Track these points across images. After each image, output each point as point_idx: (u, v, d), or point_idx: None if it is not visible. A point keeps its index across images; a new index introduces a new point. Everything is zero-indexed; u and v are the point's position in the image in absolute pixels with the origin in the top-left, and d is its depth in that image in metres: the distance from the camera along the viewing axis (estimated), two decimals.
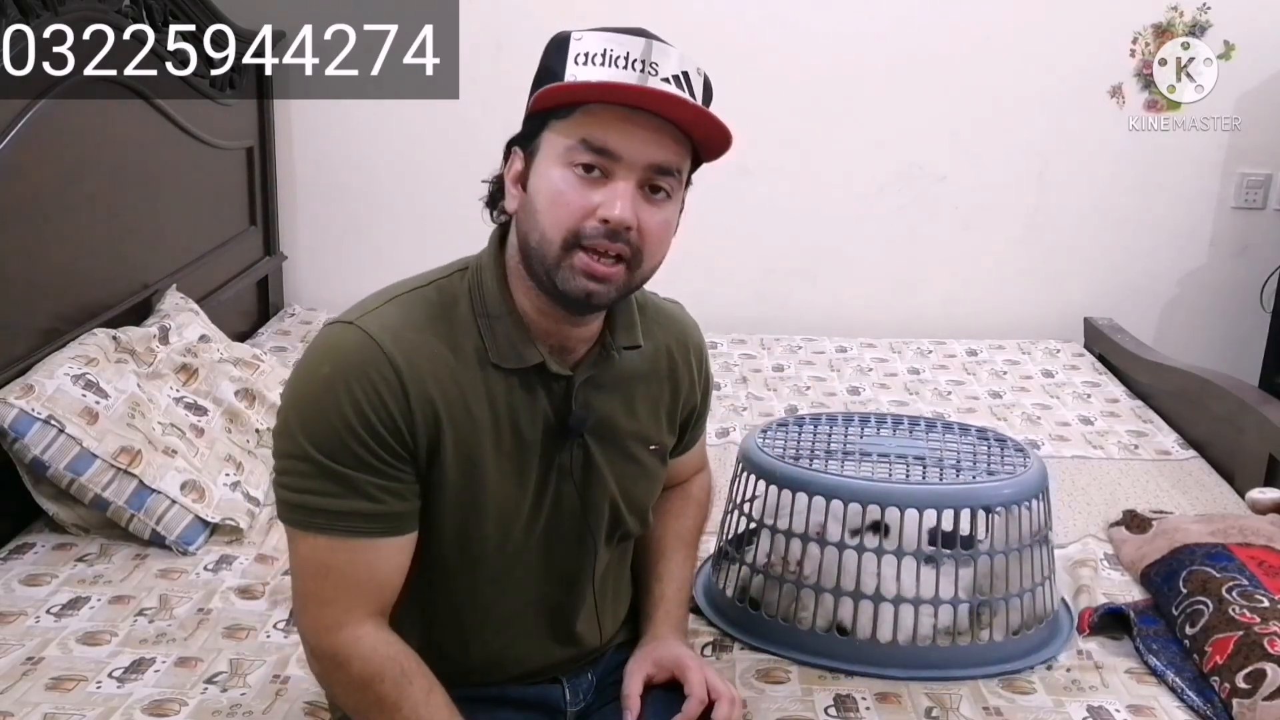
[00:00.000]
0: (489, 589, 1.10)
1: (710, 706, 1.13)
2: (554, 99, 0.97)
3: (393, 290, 1.05)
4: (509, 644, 1.14)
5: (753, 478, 1.54)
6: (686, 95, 0.97)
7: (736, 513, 1.58)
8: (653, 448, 1.17)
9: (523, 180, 1.01)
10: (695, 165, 1.03)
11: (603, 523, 1.13)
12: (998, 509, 1.46)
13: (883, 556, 1.43)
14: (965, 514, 1.44)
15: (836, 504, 1.44)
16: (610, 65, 0.96)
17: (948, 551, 1.45)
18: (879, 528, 1.45)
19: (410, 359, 0.99)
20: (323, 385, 0.98)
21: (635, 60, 0.96)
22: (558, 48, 0.99)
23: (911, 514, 1.46)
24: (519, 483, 1.06)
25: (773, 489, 1.51)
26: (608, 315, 1.10)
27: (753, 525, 1.54)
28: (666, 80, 0.96)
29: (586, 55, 0.96)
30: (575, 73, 0.96)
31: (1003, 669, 1.45)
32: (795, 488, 1.47)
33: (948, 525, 1.44)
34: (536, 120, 1.00)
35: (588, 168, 0.96)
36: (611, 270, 0.98)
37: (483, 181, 1.10)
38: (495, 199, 1.08)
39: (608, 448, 1.12)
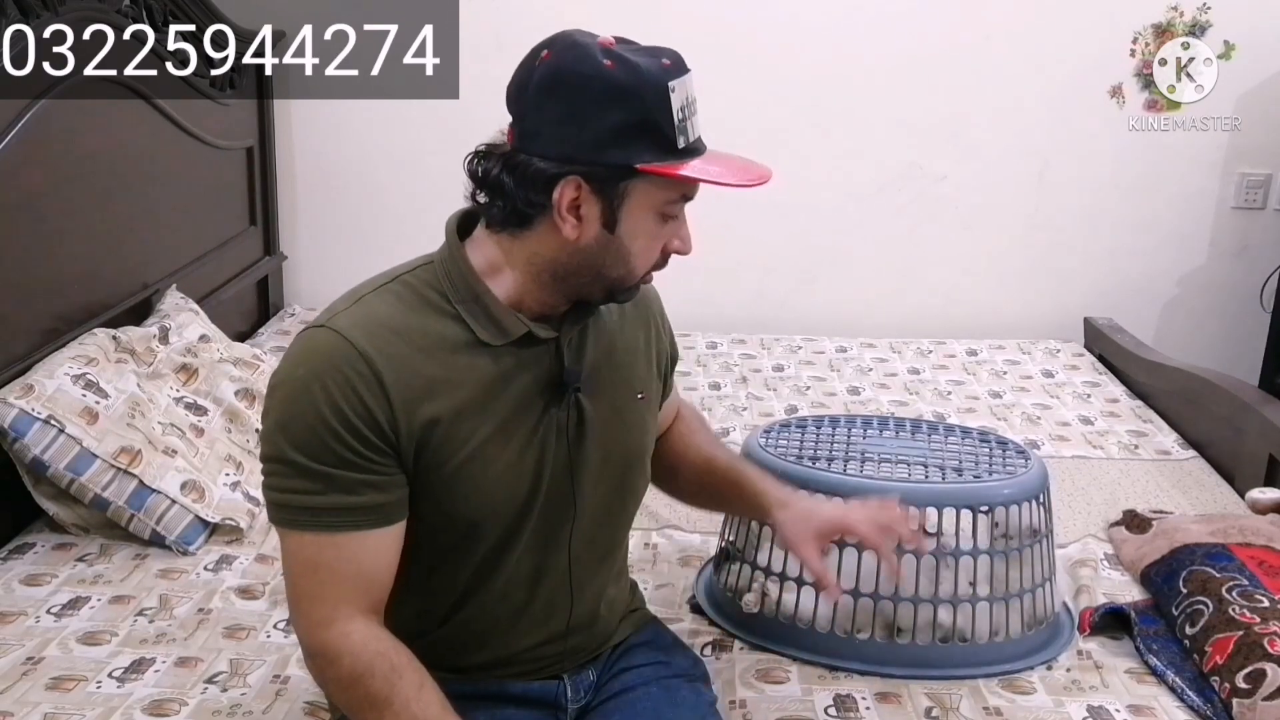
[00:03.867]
0: (488, 561, 1.10)
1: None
2: (676, 176, 1.00)
3: (359, 291, 1.06)
4: (507, 619, 1.14)
5: None
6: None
7: None
8: (640, 395, 1.19)
9: (607, 221, 1.01)
10: None
11: (594, 481, 1.14)
12: (998, 509, 1.46)
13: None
14: (966, 514, 1.45)
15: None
16: (694, 114, 1.01)
17: (948, 551, 1.45)
18: None
19: (384, 352, 1.00)
20: (299, 387, 0.99)
21: (695, 100, 1.03)
22: (658, 97, 0.98)
23: (914, 513, 1.46)
24: (518, 453, 1.07)
25: None
26: None
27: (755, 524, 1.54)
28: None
29: (683, 108, 1.00)
30: (681, 135, 0.99)
31: (1003, 669, 1.45)
32: (798, 486, 1.47)
33: (949, 525, 1.45)
34: (626, 167, 0.99)
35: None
36: None
37: (470, 158, 1.04)
38: (493, 187, 1.02)
39: (599, 403, 1.13)
